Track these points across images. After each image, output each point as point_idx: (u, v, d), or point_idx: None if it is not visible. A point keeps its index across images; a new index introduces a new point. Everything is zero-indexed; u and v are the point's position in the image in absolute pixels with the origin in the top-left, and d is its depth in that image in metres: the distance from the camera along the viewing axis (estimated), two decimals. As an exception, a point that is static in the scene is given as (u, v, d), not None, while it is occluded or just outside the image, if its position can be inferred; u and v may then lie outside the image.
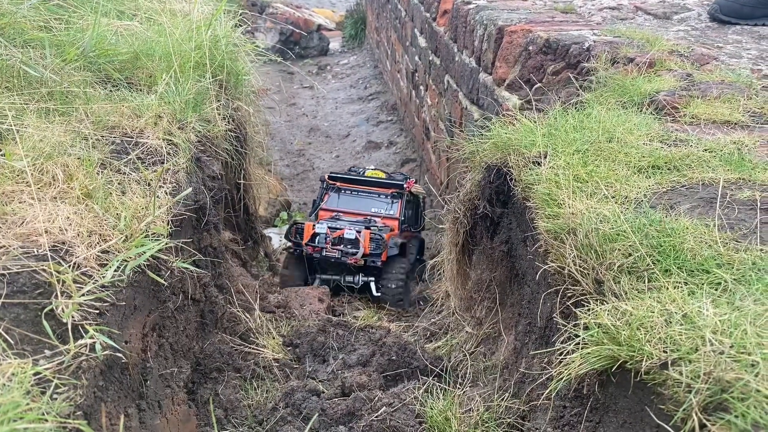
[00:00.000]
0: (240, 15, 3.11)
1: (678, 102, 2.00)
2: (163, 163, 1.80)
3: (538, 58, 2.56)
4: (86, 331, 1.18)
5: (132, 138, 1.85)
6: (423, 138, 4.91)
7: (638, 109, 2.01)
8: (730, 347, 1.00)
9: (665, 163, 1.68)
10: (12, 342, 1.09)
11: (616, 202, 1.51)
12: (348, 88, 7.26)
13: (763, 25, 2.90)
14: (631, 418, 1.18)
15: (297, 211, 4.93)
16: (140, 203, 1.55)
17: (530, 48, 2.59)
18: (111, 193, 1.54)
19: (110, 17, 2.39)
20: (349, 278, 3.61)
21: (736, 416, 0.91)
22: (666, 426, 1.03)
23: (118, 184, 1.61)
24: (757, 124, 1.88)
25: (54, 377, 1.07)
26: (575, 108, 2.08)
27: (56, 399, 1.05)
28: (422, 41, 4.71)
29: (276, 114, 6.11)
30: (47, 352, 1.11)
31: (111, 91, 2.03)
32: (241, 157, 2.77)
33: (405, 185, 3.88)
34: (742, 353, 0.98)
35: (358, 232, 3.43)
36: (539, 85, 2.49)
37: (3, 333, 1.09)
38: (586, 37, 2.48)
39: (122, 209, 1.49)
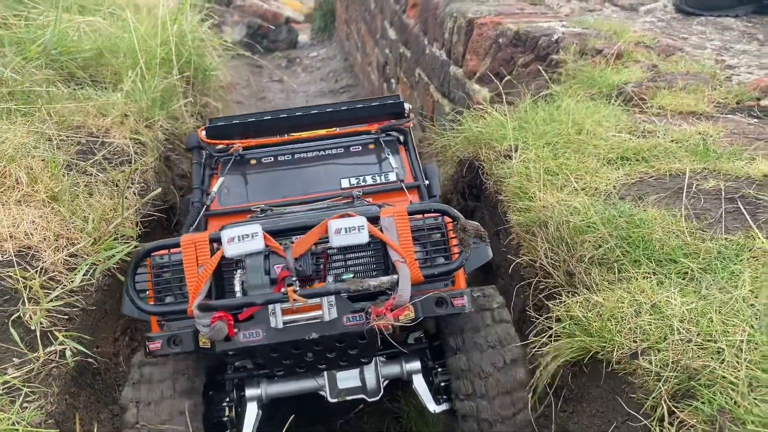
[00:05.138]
0: (206, 9, 3.07)
1: (645, 93, 2.03)
2: (130, 162, 1.77)
3: (508, 50, 2.57)
4: (56, 338, 1.16)
5: (98, 138, 1.81)
6: (395, 131, 4.89)
7: (607, 100, 2.04)
8: (697, 335, 1.03)
9: (634, 154, 1.71)
10: (-22, 351, 1.07)
11: (586, 194, 1.53)
12: (318, 81, 7.21)
13: (727, 16, 2.96)
14: (603, 407, 1.20)
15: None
16: (108, 205, 1.53)
17: (500, 40, 2.60)
18: (78, 195, 1.51)
19: (72, 12, 2.34)
20: (346, 376, 1.51)
21: (703, 402, 0.94)
22: (636, 414, 1.05)
23: (85, 185, 1.58)
24: (722, 114, 1.93)
25: (23, 386, 1.05)
26: (545, 100, 2.10)
27: (27, 408, 1.03)
28: (392, 33, 4.70)
29: (245, 109, 6.04)
30: (15, 361, 1.09)
31: (75, 89, 1.99)
32: (212, 154, 2.74)
33: (406, 109, 1.99)
34: (709, 341, 1.01)
35: (374, 221, 1.29)
36: (509, 77, 2.51)
37: (-32, 343, 1.07)
38: (555, 29, 2.50)
39: (90, 211, 1.46)
